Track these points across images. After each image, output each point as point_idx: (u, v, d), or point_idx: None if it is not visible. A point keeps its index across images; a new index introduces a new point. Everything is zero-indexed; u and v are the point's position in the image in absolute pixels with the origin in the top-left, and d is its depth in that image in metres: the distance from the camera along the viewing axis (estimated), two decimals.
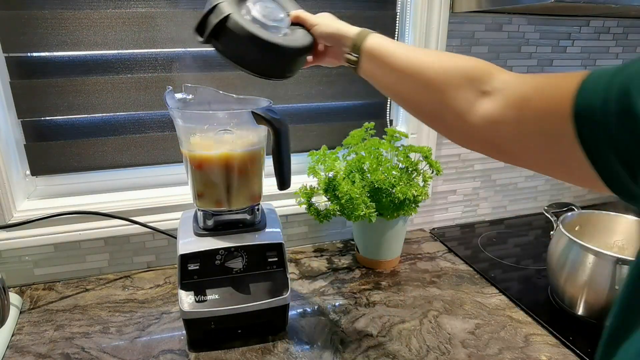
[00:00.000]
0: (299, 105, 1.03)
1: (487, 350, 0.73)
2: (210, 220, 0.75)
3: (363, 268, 0.98)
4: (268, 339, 0.75)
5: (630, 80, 0.30)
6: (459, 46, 1.04)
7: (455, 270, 0.97)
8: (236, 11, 0.56)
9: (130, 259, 0.96)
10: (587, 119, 0.34)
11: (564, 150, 0.38)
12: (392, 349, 0.73)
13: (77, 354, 0.72)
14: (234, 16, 0.55)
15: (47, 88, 0.86)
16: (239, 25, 0.55)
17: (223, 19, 0.54)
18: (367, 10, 1.00)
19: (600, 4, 0.83)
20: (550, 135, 0.39)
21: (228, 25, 0.55)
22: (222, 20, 0.54)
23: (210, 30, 0.55)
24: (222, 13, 0.54)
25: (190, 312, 0.69)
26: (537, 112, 0.40)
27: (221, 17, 0.54)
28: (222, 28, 0.55)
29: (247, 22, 0.56)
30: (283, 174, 0.68)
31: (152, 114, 0.94)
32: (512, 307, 0.84)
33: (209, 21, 0.56)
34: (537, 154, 0.42)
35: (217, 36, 0.56)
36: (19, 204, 0.90)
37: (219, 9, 0.55)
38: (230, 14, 0.54)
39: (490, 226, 1.20)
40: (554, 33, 1.11)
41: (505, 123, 0.43)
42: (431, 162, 0.93)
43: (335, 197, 0.89)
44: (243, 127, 0.70)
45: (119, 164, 0.95)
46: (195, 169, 0.72)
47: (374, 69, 0.56)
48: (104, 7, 0.85)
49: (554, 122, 0.38)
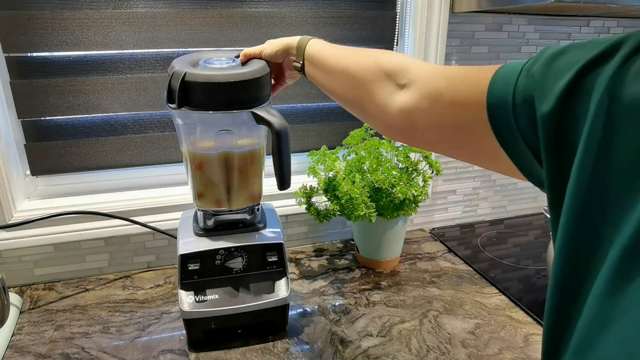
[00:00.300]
0: (299, 105, 1.03)
1: (487, 350, 0.73)
2: (210, 220, 0.75)
3: (363, 268, 0.98)
4: (268, 339, 0.75)
5: (533, 83, 0.34)
6: (459, 46, 1.04)
7: (455, 270, 0.97)
8: (191, 69, 0.64)
9: (130, 259, 0.96)
10: (499, 111, 0.37)
11: (478, 140, 0.40)
12: (392, 349, 0.73)
13: (77, 354, 0.72)
14: (190, 71, 0.63)
15: (47, 88, 0.86)
16: (197, 75, 0.62)
17: (182, 78, 0.62)
18: (367, 10, 1.00)
19: (600, 4, 0.83)
20: (462, 125, 0.41)
21: (188, 80, 0.62)
22: (182, 80, 0.62)
23: (177, 93, 0.62)
24: (179, 74, 0.62)
25: (190, 312, 0.69)
26: (449, 104, 0.42)
27: (181, 77, 0.62)
28: (185, 87, 0.63)
29: (203, 72, 0.63)
30: (283, 174, 0.68)
31: (152, 114, 0.94)
32: (512, 307, 0.84)
33: (172, 87, 0.63)
34: (453, 143, 0.45)
35: (186, 96, 0.63)
36: (19, 204, 0.90)
37: (176, 74, 0.63)
38: (186, 72, 0.62)
39: (490, 226, 1.20)
40: (554, 33, 1.11)
41: (420, 113, 0.46)
42: (431, 162, 0.93)
43: (335, 197, 0.89)
44: (243, 127, 0.70)
45: (119, 164, 0.95)
46: (195, 169, 0.72)
47: (314, 71, 0.61)
48: (104, 7, 0.85)
49: (466, 113, 0.40)
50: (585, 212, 0.30)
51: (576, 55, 0.32)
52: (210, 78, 0.63)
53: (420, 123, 0.47)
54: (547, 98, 0.32)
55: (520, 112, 0.35)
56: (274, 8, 0.94)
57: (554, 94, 0.32)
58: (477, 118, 0.39)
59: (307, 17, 0.96)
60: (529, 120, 0.34)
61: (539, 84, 0.33)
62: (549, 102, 0.32)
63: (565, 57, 0.33)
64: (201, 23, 0.90)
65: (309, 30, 0.97)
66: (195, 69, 0.64)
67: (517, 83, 0.35)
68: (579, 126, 0.30)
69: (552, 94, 0.32)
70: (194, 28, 0.90)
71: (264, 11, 0.93)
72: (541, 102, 0.33)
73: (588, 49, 0.31)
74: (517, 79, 0.36)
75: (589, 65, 0.30)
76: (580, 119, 0.30)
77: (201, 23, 0.90)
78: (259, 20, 0.93)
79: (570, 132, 0.31)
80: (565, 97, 0.31)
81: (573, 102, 0.31)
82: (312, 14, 0.96)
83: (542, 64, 0.34)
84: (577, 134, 0.30)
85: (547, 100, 0.32)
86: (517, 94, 0.35)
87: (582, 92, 0.30)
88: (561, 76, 0.32)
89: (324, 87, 0.61)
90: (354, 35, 1.01)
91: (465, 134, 0.42)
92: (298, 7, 0.95)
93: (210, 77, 0.63)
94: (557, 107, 0.31)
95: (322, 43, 0.61)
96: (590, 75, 0.30)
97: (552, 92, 0.32)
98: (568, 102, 0.31)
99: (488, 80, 0.38)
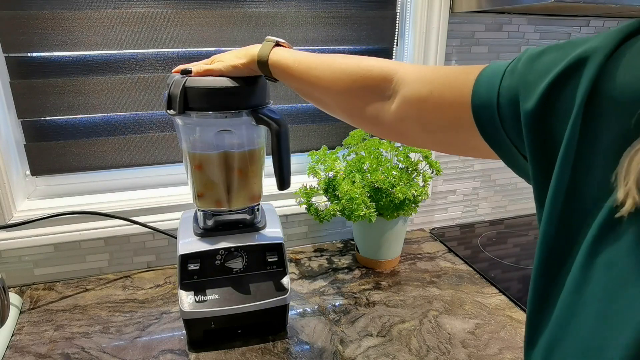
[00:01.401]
0: (299, 105, 1.03)
1: (487, 350, 0.73)
2: (210, 221, 0.75)
3: (363, 268, 0.98)
4: (268, 339, 0.75)
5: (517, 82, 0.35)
6: (459, 46, 1.04)
7: (455, 270, 0.97)
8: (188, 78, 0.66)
9: (130, 259, 0.96)
10: (484, 111, 0.38)
11: (467, 139, 0.41)
12: (392, 349, 0.73)
13: (77, 354, 0.72)
14: (190, 78, 0.65)
15: (47, 88, 0.86)
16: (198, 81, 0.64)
17: (183, 84, 0.63)
18: (367, 10, 1.00)
19: (600, 4, 0.83)
20: (450, 127, 0.42)
21: (188, 86, 0.64)
22: (183, 86, 0.64)
23: (179, 99, 0.64)
24: (180, 82, 0.64)
25: (190, 312, 0.69)
26: (435, 108, 0.43)
27: (182, 84, 0.63)
28: (186, 93, 0.64)
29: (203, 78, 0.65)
30: (283, 174, 0.68)
31: (152, 114, 0.94)
32: (512, 307, 0.84)
33: (173, 94, 0.65)
34: (444, 144, 0.46)
35: (186, 102, 0.65)
36: (19, 204, 0.90)
37: (176, 82, 0.64)
38: (187, 79, 0.64)
39: (490, 226, 1.20)
40: (554, 33, 1.11)
41: (409, 119, 0.47)
42: (431, 162, 0.93)
43: (335, 197, 0.89)
44: (243, 127, 0.70)
45: (119, 164, 0.95)
46: (195, 169, 0.72)
47: (287, 81, 0.59)
48: (104, 7, 0.85)
49: (452, 116, 0.41)
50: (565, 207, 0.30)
51: (557, 55, 0.33)
52: (211, 83, 0.64)
53: (410, 129, 0.48)
54: (531, 96, 0.33)
55: (504, 111, 0.36)
56: (274, 8, 0.94)
57: (537, 92, 0.33)
58: (463, 118, 0.40)
59: (307, 17, 0.96)
60: (513, 119, 0.35)
61: (523, 83, 0.34)
62: (532, 99, 0.33)
63: (547, 57, 0.33)
64: (201, 23, 0.90)
65: (309, 30, 0.97)
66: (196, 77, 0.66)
67: (501, 83, 0.36)
68: (562, 123, 0.31)
69: (535, 93, 0.33)
70: (194, 28, 0.90)
71: (264, 11, 0.93)
72: (525, 100, 0.34)
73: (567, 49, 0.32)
74: (501, 79, 0.37)
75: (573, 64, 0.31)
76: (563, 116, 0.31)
77: (201, 23, 0.90)
78: (259, 20, 0.93)
79: (552, 130, 0.32)
80: (548, 94, 0.32)
81: (555, 100, 0.32)
82: (312, 14, 0.96)
83: (524, 63, 0.35)
84: (560, 131, 0.31)
85: (531, 98, 0.33)
86: (501, 94, 0.36)
87: (565, 89, 0.31)
88: (544, 75, 0.33)
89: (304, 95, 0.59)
90: (354, 35, 1.01)
91: (454, 135, 0.42)
92: (298, 7, 0.95)
93: (211, 82, 0.64)
94: (540, 104, 0.32)
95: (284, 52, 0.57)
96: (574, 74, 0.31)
97: (536, 90, 0.33)
98: (550, 100, 0.32)
99: (472, 82, 0.39)
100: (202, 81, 0.64)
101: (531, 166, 0.34)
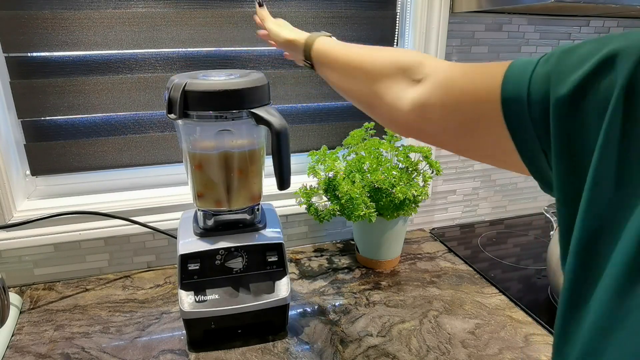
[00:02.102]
0: (299, 105, 1.03)
1: (487, 350, 0.73)
2: (210, 220, 0.75)
3: (363, 268, 0.98)
4: (268, 339, 0.75)
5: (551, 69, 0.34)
6: (459, 46, 1.04)
7: (455, 270, 0.97)
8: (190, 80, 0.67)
9: (130, 259, 0.96)
10: (513, 98, 0.37)
11: (488, 129, 0.40)
12: (392, 349, 0.73)
13: (77, 354, 0.72)
14: (191, 81, 0.65)
15: (47, 88, 0.86)
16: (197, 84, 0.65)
17: (183, 89, 0.64)
18: (367, 10, 1.00)
19: (600, 4, 0.83)
20: (473, 114, 0.41)
21: (188, 90, 0.64)
22: (183, 90, 0.64)
23: (179, 103, 0.64)
24: (180, 85, 0.64)
25: (190, 312, 0.69)
26: (463, 92, 0.42)
27: (181, 88, 0.64)
28: (186, 97, 0.65)
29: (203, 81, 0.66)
30: (283, 174, 0.68)
31: (152, 114, 0.94)
32: (512, 307, 0.84)
33: (173, 98, 0.65)
34: (462, 137, 0.44)
35: (186, 105, 0.65)
36: (19, 204, 0.90)
37: (176, 86, 0.65)
38: (187, 82, 0.65)
39: (490, 226, 1.20)
40: (554, 33, 1.11)
41: (431, 104, 0.46)
42: (431, 162, 0.93)
43: (335, 197, 0.89)
44: (243, 127, 0.70)
45: (119, 164, 0.95)
46: (195, 168, 0.72)
47: (324, 70, 0.62)
48: (104, 7, 0.85)
49: (478, 102, 0.40)
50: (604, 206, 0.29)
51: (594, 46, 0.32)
52: (210, 87, 0.64)
53: (430, 114, 0.46)
54: (564, 84, 0.32)
55: (534, 100, 0.35)
56: (274, 8, 0.94)
57: (571, 80, 0.32)
58: (489, 107, 0.39)
59: (307, 17, 0.96)
60: (541, 110, 0.34)
61: (556, 72, 0.33)
62: (566, 86, 0.32)
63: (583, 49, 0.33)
64: (201, 23, 0.90)
65: (309, 30, 0.97)
66: (195, 80, 0.66)
67: (534, 70, 0.36)
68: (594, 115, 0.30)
69: (569, 80, 0.32)
70: (194, 28, 0.90)
71: None
72: (557, 86, 0.33)
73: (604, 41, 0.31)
74: (534, 67, 0.36)
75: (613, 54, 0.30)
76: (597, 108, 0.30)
77: (201, 23, 0.90)
78: None
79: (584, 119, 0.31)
80: (583, 84, 0.31)
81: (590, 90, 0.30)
82: (312, 14, 0.96)
83: (558, 54, 0.34)
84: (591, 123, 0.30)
85: (564, 85, 0.32)
86: (533, 82, 0.35)
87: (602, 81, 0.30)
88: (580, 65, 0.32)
89: (335, 85, 0.61)
90: (354, 35, 1.01)
91: (476, 124, 0.41)
92: (298, 7, 0.95)
93: (210, 85, 0.65)
94: (574, 92, 0.31)
95: (330, 41, 0.62)
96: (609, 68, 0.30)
97: (570, 78, 0.32)
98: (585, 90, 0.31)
99: (504, 70, 0.38)
100: (201, 85, 0.65)
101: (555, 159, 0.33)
